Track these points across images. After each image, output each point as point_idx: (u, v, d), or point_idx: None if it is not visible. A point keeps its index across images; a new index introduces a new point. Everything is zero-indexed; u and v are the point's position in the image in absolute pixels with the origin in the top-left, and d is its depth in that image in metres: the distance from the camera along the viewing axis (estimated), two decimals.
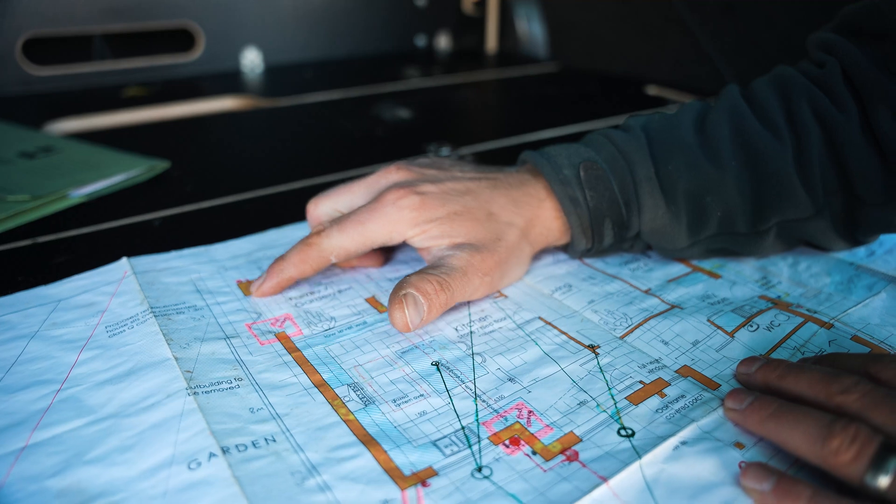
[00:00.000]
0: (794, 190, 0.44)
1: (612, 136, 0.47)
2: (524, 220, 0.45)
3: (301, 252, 0.43)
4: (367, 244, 0.43)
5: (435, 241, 0.43)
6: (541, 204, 0.46)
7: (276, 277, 0.43)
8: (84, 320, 0.40)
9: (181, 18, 1.05)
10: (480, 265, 0.42)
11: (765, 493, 0.28)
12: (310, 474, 0.30)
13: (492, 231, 0.43)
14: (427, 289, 0.39)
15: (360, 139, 0.80)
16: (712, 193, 0.44)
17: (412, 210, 0.42)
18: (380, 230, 0.42)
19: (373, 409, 0.34)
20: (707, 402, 0.34)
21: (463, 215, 0.43)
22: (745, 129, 0.45)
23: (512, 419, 0.33)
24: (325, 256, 0.43)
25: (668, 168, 0.45)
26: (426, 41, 1.34)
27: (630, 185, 0.45)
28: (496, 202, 0.44)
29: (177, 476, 0.29)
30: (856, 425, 0.27)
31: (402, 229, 0.42)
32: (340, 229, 0.43)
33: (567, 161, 0.46)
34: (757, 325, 0.41)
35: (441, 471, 0.30)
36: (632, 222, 0.46)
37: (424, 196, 0.43)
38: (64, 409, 0.33)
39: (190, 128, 0.85)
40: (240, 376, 0.36)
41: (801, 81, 0.46)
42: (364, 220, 0.43)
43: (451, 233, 0.42)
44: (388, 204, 0.42)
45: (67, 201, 0.57)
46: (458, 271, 0.41)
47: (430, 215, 0.42)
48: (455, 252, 0.42)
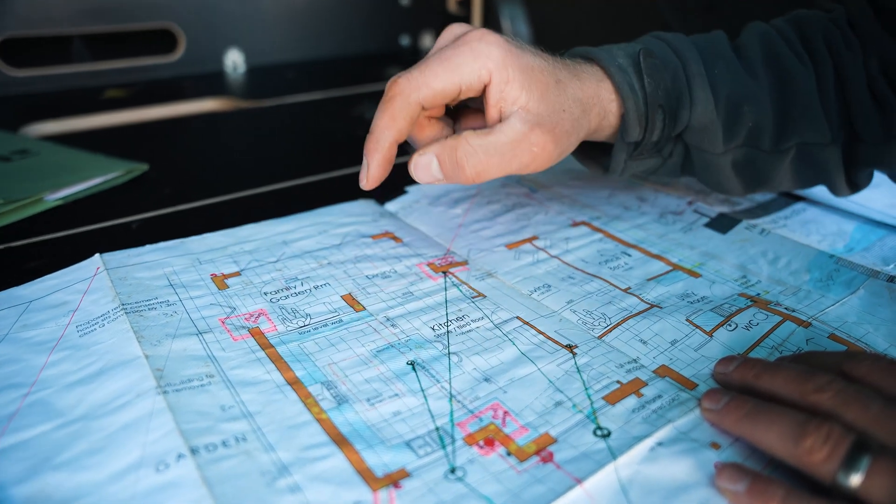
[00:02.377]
0: (816, 113, 0.47)
1: (664, 36, 0.47)
2: (585, 94, 0.43)
3: (386, 109, 0.40)
4: (455, 82, 0.40)
5: (513, 94, 0.40)
6: (599, 84, 0.44)
7: (377, 152, 0.41)
8: (55, 320, 0.39)
9: (162, 19, 1.04)
10: (536, 138, 0.40)
11: (739, 494, 0.28)
12: (280, 475, 0.29)
13: (558, 99, 0.41)
14: (461, 160, 0.40)
15: (342, 140, 0.79)
16: (749, 103, 0.46)
17: (499, 46, 0.39)
18: (469, 65, 0.39)
19: (346, 408, 0.33)
20: (684, 403, 0.34)
21: (537, 75, 0.40)
22: (775, 52, 0.48)
23: (487, 420, 0.33)
24: (413, 101, 0.40)
25: (715, 71, 0.46)
26: (410, 41, 1.33)
27: (683, 78, 0.46)
28: (561, 72, 0.42)
29: (145, 479, 0.28)
30: (828, 424, 0.27)
31: (490, 65, 0.39)
32: (423, 68, 0.40)
33: (622, 52, 0.45)
34: (735, 325, 0.40)
35: (414, 472, 0.30)
36: (681, 116, 0.46)
37: (510, 43, 0.40)
38: (33, 413, 0.32)
39: (170, 130, 0.85)
40: (211, 373, 0.35)
41: (816, 18, 0.50)
42: (449, 56, 0.40)
43: (526, 87, 0.40)
44: (474, 39, 0.40)
45: (43, 205, 0.56)
46: (507, 144, 0.40)
47: (516, 61, 0.40)
48: (512, 118, 0.40)
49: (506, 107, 0.40)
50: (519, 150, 0.40)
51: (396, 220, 0.55)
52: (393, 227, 0.53)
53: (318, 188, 0.63)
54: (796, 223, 0.54)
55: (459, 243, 0.51)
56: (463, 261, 0.48)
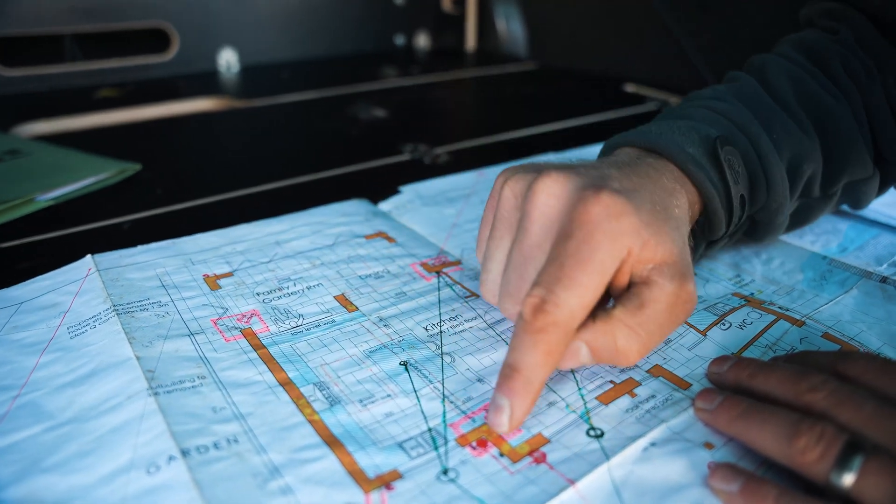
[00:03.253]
0: (859, 150, 0.45)
1: (716, 108, 0.43)
2: (684, 211, 0.37)
3: (538, 345, 0.30)
4: (604, 283, 0.31)
5: (648, 255, 0.33)
6: (682, 189, 0.38)
7: (525, 396, 0.31)
8: (46, 322, 0.39)
9: (155, 19, 1.03)
10: (686, 292, 0.33)
11: (732, 494, 0.28)
12: (272, 476, 0.29)
13: (678, 232, 0.34)
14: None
15: (335, 139, 0.79)
16: (807, 161, 0.43)
17: (629, 215, 0.32)
18: (610, 255, 0.31)
19: (338, 410, 0.33)
20: (678, 402, 0.34)
21: (658, 215, 0.33)
22: (809, 93, 0.45)
23: (480, 420, 0.33)
24: (570, 331, 0.31)
25: (773, 136, 0.42)
26: (405, 40, 1.33)
27: (755, 160, 0.41)
28: (657, 194, 0.35)
29: (135, 482, 0.28)
30: (822, 424, 0.27)
31: (628, 242, 0.32)
32: (567, 283, 0.30)
33: (686, 139, 0.40)
34: (729, 324, 0.40)
35: (406, 473, 0.30)
36: (758, 198, 0.42)
37: (626, 196, 0.32)
38: (22, 416, 0.32)
39: (163, 129, 0.84)
40: (203, 374, 0.35)
41: (827, 44, 0.47)
42: (588, 254, 0.31)
43: (661, 243, 0.33)
44: (602, 217, 0.31)
45: (34, 205, 0.56)
46: (664, 312, 0.33)
47: (643, 218, 0.32)
48: (656, 281, 0.33)
49: (637, 270, 0.33)
50: (675, 312, 0.33)
51: (390, 219, 0.55)
52: (386, 226, 0.53)
53: (312, 188, 0.63)
54: None
55: (453, 243, 0.51)
56: (456, 260, 0.48)
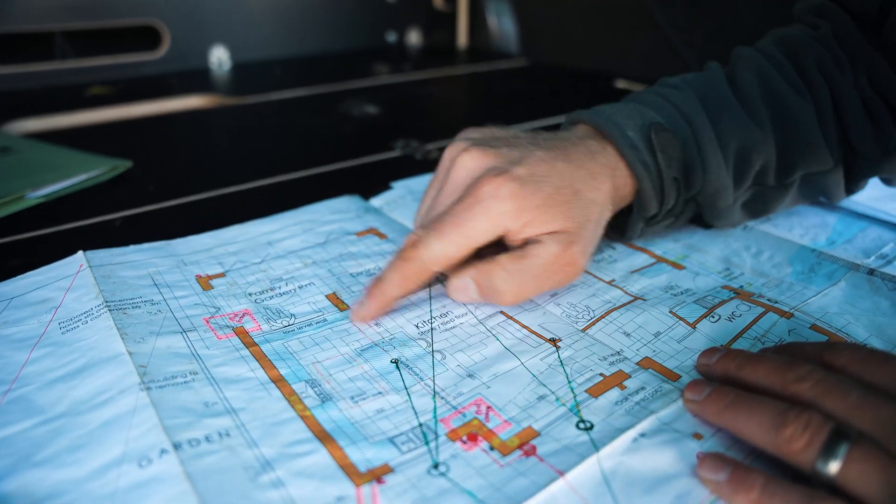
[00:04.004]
0: (818, 145, 0.47)
1: (668, 96, 0.47)
2: (603, 193, 0.42)
3: (400, 269, 0.39)
4: (470, 246, 0.39)
5: (534, 231, 0.39)
6: (613, 172, 0.43)
7: (378, 300, 0.40)
8: (37, 317, 0.39)
9: (146, 16, 1.03)
10: (569, 256, 0.40)
11: (720, 483, 0.28)
12: (263, 470, 0.29)
13: (581, 212, 0.41)
14: (497, 286, 0.39)
15: (326, 136, 0.79)
16: (756, 150, 0.46)
17: (513, 199, 0.38)
18: (482, 226, 0.39)
19: (330, 406, 0.33)
20: (667, 394, 0.34)
21: (556, 198, 0.40)
22: (772, 88, 0.48)
23: (470, 415, 0.33)
24: (428, 269, 0.39)
25: (721, 127, 0.46)
26: (397, 37, 1.33)
27: (694, 146, 0.45)
28: (577, 177, 0.41)
29: (127, 475, 0.28)
30: (808, 413, 0.27)
31: (504, 221, 0.39)
32: (439, 235, 0.39)
33: (631, 122, 0.45)
34: (718, 316, 0.41)
35: (397, 468, 0.30)
36: (694, 182, 0.46)
37: (521, 182, 0.39)
38: (13, 411, 0.32)
39: (154, 127, 0.84)
40: (195, 370, 0.35)
41: (804, 41, 0.49)
42: (464, 220, 0.39)
43: (549, 220, 0.39)
44: (488, 197, 0.39)
45: (24, 202, 0.56)
46: (541, 266, 0.39)
47: (530, 203, 0.39)
48: (545, 241, 0.39)
49: (531, 238, 0.40)
50: (553, 270, 0.40)
51: (381, 215, 0.55)
52: (377, 222, 0.53)
53: (304, 184, 0.63)
54: (780, 216, 0.54)
55: None
56: None
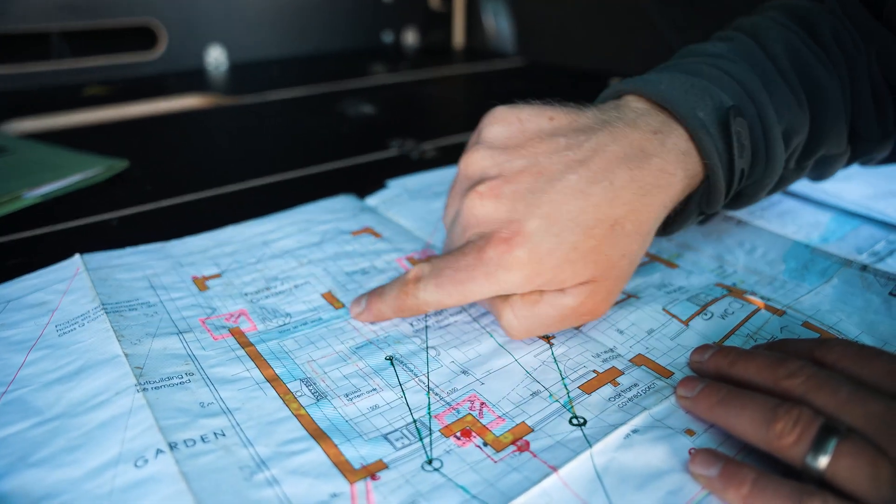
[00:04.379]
0: (840, 126, 0.43)
1: (730, 70, 0.40)
2: (651, 215, 0.36)
3: (399, 299, 0.39)
4: (466, 302, 0.37)
5: (552, 288, 0.36)
6: (671, 179, 0.36)
7: (373, 313, 0.40)
8: (34, 320, 0.39)
9: (143, 16, 1.03)
10: (590, 307, 0.36)
11: (712, 479, 0.28)
12: (259, 469, 0.29)
13: (615, 249, 0.35)
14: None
15: (323, 136, 0.79)
16: (797, 133, 0.41)
17: (521, 269, 0.34)
18: (483, 291, 0.36)
19: (324, 404, 0.34)
20: (660, 391, 0.34)
21: (582, 245, 0.34)
22: (802, 62, 0.42)
23: (464, 411, 0.33)
24: (422, 309, 0.39)
25: (774, 108, 0.40)
26: (393, 37, 1.33)
27: (760, 131, 0.39)
28: (620, 200, 0.35)
29: (123, 475, 0.29)
30: (798, 408, 0.28)
31: (511, 289, 0.36)
32: (438, 285, 0.37)
33: (700, 102, 0.38)
34: (711, 314, 0.41)
35: (391, 464, 0.30)
36: (754, 173, 0.40)
37: (533, 246, 0.34)
38: (10, 412, 0.32)
39: (151, 127, 0.84)
40: (191, 371, 0.36)
41: (818, 11, 0.45)
42: (464, 279, 0.36)
43: (568, 279, 0.35)
44: (493, 265, 0.35)
45: (21, 202, 0.56)
46: (555, 317, 0.36)
47: (545, 266, 0.34)
48: (567, 292, 0.36)
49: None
50: (567, 320, 0.37)
51: (376, 214, 0.55)
52: (372, 221, 0.53)
53: (300, 183, 0.63)
54: (773, 214, 0.54)
55: (439, 237, 0.51)
56: None
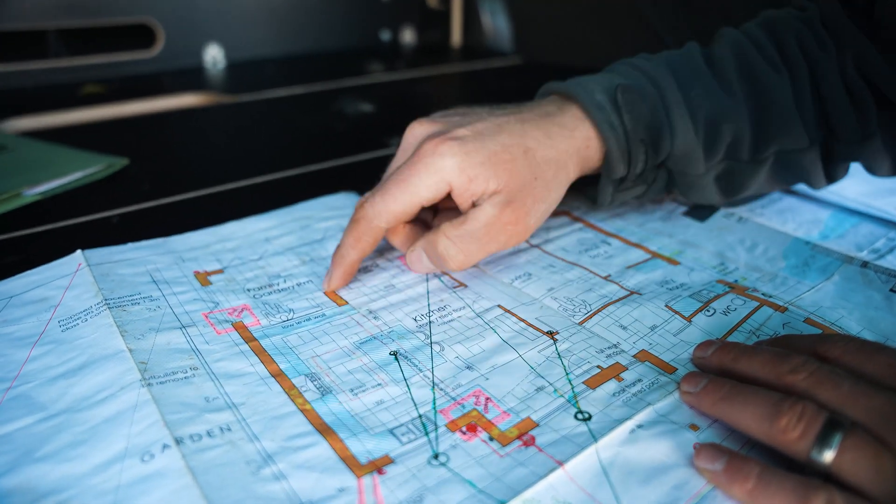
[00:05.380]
0: (793, 121, 0.48)
1: (638, 64, 0.48)
2: (559, 152, 0.43)
3: (351, 231, 0.42)
4: (414, 202, 0.41)
5: (480, 188, 0.41)
6: (572, 133, 0.44)
7: (340, 266, 0.43)
8: (36, 316, 0.39)
9: (140, 14, 1.03)
10: (510, 216, 0.41)
11: (717, 473, 0.28)
12: (265, 463, 0.29)
13: (529, 169, 0.42)
14: (442, 251, 0.41)
15: (321, 134, 0.79)
16: (727, 121, 0.47)
17: (453, 156, 0.40)
18: (424, 183, 0.41)
19: (330, 399, 0.34)
20: (663, 386, 0.34)
21: (501, 155, 0.41)
22: (749, 64, 0.48)
23: (469, 406, 0.33)
24: (375, 226, 0.42)
25: (691, 94, 0.47)
26: (391, 36, 1.33)
27: (661, 108, 0.46)
28: (530, 136, 0.43)
29: (129, 470, 0.29)
30: (802, 403, 0.28)
31: (447, 177, 0.40)
32: (383, 192, 0.41)
33: (598, 87, 0.46)
34: (714, 310, 0.41)
35: (397, 458, 0.30)
36: (663, 146, 0.47)
37: (462, 140, 0.41)
38: (14, 408, 0.32)
39: (150, 125, 0.84)
40: (195, 366, 0.36)
41: (788, 21, 0.50)
42: (406, 177, 0.41)
43: (491, 177, 0.41)
44: (427, 154, 0.40)
45: (21, 200, 0.56)
46: (482, 229, 0.41)
47: (473, 159, 0.40)
48: (483, 204, 0.41)
49: (476, 199, 0.42)
50: (494, 231, 0.41)
51: None
52: None
53: (299, 181, 0.63)
54: (773, 212, 0.54)
55: None
56: None
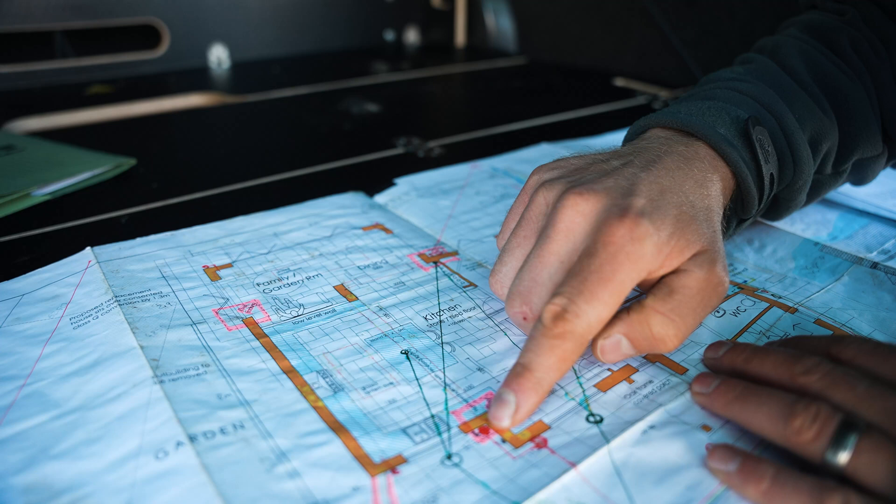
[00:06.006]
0: (872, 127, 0.46)
1: (744, 89, 0.44)
2: (714, 199, 0.38)
3: (554, 350, 0.32)
4: (620, 302, 0.33)
5: (674, 263, 0.34)
6: (713, 177, 0.39)
7: (534, 395, 0.32)
8: (48, 313, 0.40)
9: (145, 15, 1.03)
10: (717, 276, 0.35)
11: (730, 474, 0.28)
12: (279, 461, 0.29)
13: (708, 225, 0.36)
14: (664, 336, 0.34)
15: (327, 134, 0.79)
16: (826, 139, 0.44)
17: (650, 237, 0.33)
18: (631, 277, 0.33)
19: (342, 396, 0.34)
20: (675, 387, 0.35)
21: (683, 220, 0.35)
22: (823, 72, 0.46)
23: (481, 409, 0.33)
24: (586, 342, 0.33)
25: (797, 115, 0.43)
26: (395, 35, 1.34)
27: (782, 138, 0.42)
28: (687, 188, 0.37)
29: (144, 467, 0.29)
30: (817, 404, 0.28)
31: (647, 264, 0.33)
32: (590, 298, 0.32)
33: (719, 120, 0.41)
34: (723, 311, 0.41)
35: (411, 458, 0.30)
36: (784, 176, 0.43)
37: (649, 217, 0.34)
38: (28, 405, 0.33)
39: (156, 125, 0.84)
40: (207, 362, 0.36)
41: (835, 25, 0.48)
42: (610, 274, 0.32)
43: (685, 246, 0.34)
44: (626, 242, 0.33)
45: (30, 200, 0.56)
46: (695, 297, 0.34)
47: (665, 234, 0.34)
48: (688, 269, 0.34)
49: (669, 272, 0.35)
50: (707, 295, 0.35)
51: (386, 211, 0.55)
52: (383, 218, 0.53)
53: (307, 181, 0.63)
54: None
55: (449, 234, 0.51)
56: (453, 251, 0.49)
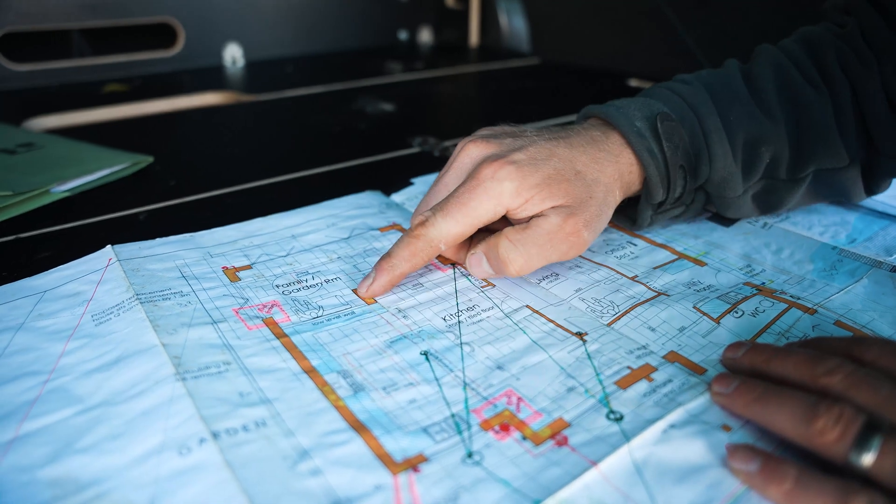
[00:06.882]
0: (832, 140, 0.48)
1: (677, 89, 0.49)
2: (606, 176, 0.45)
3: (409, 245, 0.42)
4: (473, 224, 0.42)
5: (536, 208, 0.42)
6: (617, 159, 0.45)
7: (387, 275, 0.43)
8: (70, 310, 0.40)
9: (161, 14, 1.04)
10: (571, 227, 0.42)
11: (752, 474, 0.28)
12: (301, 459, 0.30)
13: (582, 190, 0.43)
14: (506, 256, 0.42)
15: (343, 133, 0.80)
16: (766, 143, 0.48)
17: (511, 180, 0.41)
18: (484, 206, 0.42)
19: (363, 396, 0.34)
20: (694, 387, 0.35)
21: (556, 177, 0.42)
22: (788, 83, 0.49)
23: (501, 406, 0.33)
24: (435, 245, 0.42)
25: (730, 118, 0.48)
26: (408, 35, 1.34)
27: (700, 135, 0.47)
28: (579, 160, 0.44)
29: (168, 462, 0.29)
30: (840, 405, 0.28)
31: (505, 201, 0.42)
32: (445, 214, 0.42)
33: (639, 113, 0.47)
34: (742, 312, 0.41)
35: (432, 457, 0.30)
36: (701, 171, 0.48)
37: (518, 164, 0.42)
38: (52, 400, 0.33)
39: (172, 123, 0.85)
40: (228, 360, 0.36)
41: (827, 38, 0.50)
42: (466, 200, 0.42)
43: (548, 197, 0.42)
44: (487, 178, 0.42)
45: (50, 196, 0.56)
46: (544, 236, 0.41)
47: (529, 182, 0.42)
48: (547, 213, 0.42)
49: (533, 212, 0.42)
50: (555, 240, 0.42)
51: (403, 211, 0.55)
52: (400, 218, 0.54)
53: (324, 179, 0.64)
54: (799, 214, 0.54)
55: None
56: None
